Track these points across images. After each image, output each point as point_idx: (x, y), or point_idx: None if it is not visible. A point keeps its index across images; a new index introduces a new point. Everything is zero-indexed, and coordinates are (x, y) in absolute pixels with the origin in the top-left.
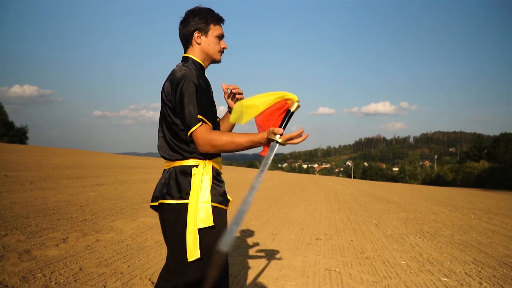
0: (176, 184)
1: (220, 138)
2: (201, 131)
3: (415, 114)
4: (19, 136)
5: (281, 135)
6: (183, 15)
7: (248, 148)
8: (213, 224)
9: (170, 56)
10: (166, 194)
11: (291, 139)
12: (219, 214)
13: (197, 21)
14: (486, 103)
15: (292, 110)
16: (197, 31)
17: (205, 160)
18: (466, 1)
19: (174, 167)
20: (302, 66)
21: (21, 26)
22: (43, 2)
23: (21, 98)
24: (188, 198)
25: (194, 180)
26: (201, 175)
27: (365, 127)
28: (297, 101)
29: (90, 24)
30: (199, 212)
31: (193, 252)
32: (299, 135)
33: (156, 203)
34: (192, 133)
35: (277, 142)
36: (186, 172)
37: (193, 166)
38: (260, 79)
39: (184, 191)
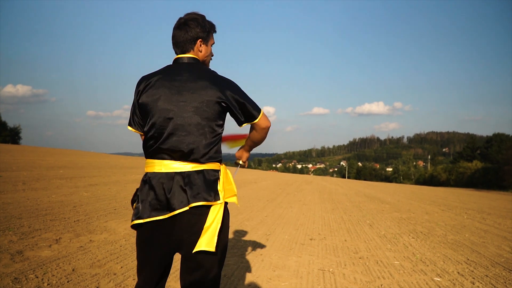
0: (210, 186)
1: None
2: (265, 116)
3: (408, 115)
4: (11, 136)
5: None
6: (177, 18)
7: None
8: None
9: (166, 56)
10: (202, 197)
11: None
12: (228, 212)
13: (201, 29)
14: (479, 104)
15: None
16: (200, 40)
17: (221, 162)
18: (460, 1)
19: (203, 170)
20: (296, 66)
21: (14, 26)
22: (36, 1)
23: (14, 98)
24: (219, 199)
25: (221, 182)
26: (223, 176)
27: (359, 128)
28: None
29: (84, 24)
30: (220, 210)
31: (205, 242)
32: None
33: (187, 208)
34: (258, 118)
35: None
36: (216, 173)
37: (218, 169)
38: (254, 79)
39: (217, 192)
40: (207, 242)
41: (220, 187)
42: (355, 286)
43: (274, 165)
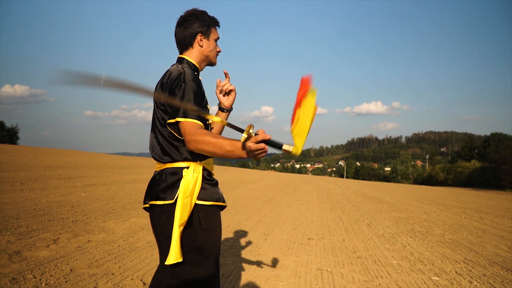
0: (166, 185)
1: (204, 138)
2: (189, 126)
3: (407, 114)
4: (9, 136)
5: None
6: (178, 16)
7: (230, 154)
8: (185, 222)
9: (164, 56)
10: (156, 196)
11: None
12: (212, 214)
13: (200, 24)
14: (478, 103)
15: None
16: (200, 34)
17: (196, 162)
18: (458, 1)
19: (165, 169)
20: (294, 66)
21: (12, 26)
22: (34, 1)
23: (12, 98)
24: (176, 199)
25: (184, 181)
26: (191, 176)
27: (357, 127)
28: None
29: (81, 24)
30: (183, 211)
31: (174, 256)
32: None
33: (147, 205)
34: (179, 123)
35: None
36: (176, 174)
37: (184, 167)
38: (252, 79)
39: (173, 192)
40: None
41: (181, 186)
42: (353, 286)
43: (272, 165)
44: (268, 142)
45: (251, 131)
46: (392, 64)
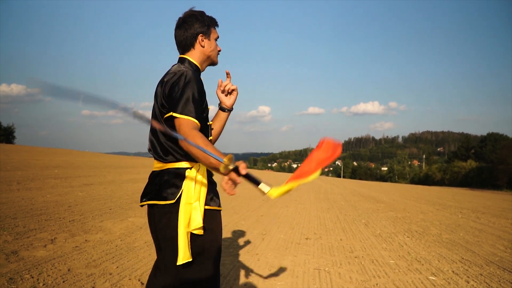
0: (169, 186)
1: (194, 139)
2: (184, 123)
3: (403, 114)
4: (6, 135)
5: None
6: (176, 17)
7: (210, 167)
8: (202, 226)
9: (162, 55)
10: (157, 195)
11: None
12: (215, 217)
13: (200, 24)
14: (474, 103)
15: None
16: (201, 35)
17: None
18: (456, 1)
19: (167, 168)
20: (292, 66)
21: (8, 25)
22: (33, 1)
23: (8, 97)
24: (179, 201)
25: (187, 183)
26: (195, 178)
27: (354, 127)
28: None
29: (78, 23)
30: (192, 215)
31: (183, 255)
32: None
33: (145, 203)
34: (174, 119)
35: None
36: (180, 174)
37: (187, 168)
38: (250, 79)
39: (176, 193)
40: (180, 255)
41: (184, 187)
42: (351, 285)
43: (269, 165)
44: (248, 176)
45: (230, 167)
46: (389, 64)
